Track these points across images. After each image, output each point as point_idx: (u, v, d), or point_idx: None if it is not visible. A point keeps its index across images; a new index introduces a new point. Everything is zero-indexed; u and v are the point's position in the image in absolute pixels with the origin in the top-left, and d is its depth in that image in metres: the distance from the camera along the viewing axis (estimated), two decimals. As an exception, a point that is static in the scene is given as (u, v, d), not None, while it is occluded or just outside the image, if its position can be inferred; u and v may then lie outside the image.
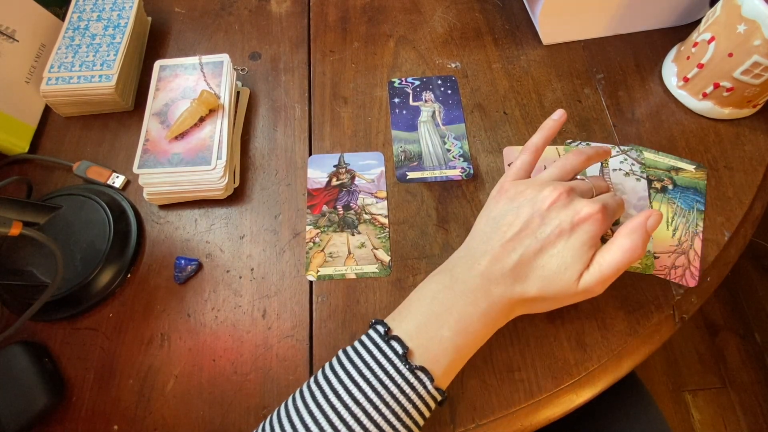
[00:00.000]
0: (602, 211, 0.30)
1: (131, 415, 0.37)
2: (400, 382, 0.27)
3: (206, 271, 0.42)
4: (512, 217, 0.32)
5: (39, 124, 0.49)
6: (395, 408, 0.27)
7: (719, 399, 1.04)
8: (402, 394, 0.27)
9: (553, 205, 0.31)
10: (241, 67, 0.51)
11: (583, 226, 0.30)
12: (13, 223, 0.34)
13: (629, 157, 0.45)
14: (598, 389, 0.36)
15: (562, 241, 0.30)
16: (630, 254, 0.29)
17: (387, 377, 0.28)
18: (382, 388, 0.27)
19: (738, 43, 0.40)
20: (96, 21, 0.50)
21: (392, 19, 0.55)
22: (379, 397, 0.27)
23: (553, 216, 0.30)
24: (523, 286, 0.30)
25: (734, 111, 0.45)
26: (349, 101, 0.50)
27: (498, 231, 0.32)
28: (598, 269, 0.30)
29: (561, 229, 0.30)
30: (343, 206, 0.44)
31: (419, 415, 0.28)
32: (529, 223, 0.31)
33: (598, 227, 0.30)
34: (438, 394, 0.29)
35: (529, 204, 0.31)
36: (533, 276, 0.30)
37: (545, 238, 0.30)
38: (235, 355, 0.38)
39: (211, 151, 0.43)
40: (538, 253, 0.30)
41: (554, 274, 0.30)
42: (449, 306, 0.30)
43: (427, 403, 0.28)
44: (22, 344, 0.37)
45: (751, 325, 1.12)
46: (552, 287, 0.30)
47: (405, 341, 0.29)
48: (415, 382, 0.28)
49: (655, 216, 0.30)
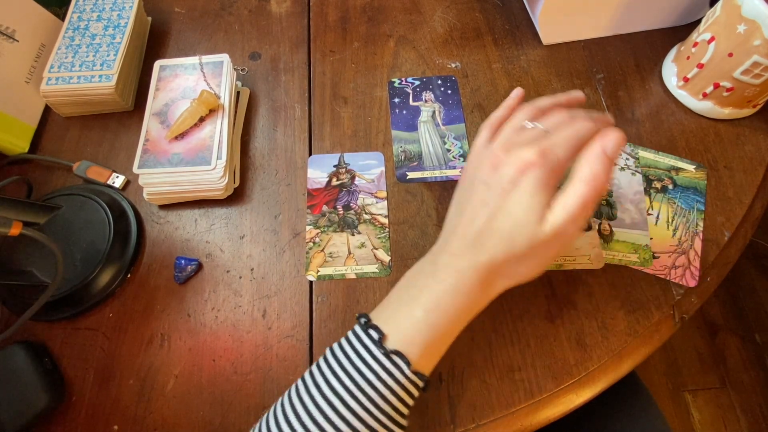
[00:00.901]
0: (540, 154, 0.28)
1: (131, 415, 0.37)
2: (377, 368, 0.28)
3: (206, 271, 0.42)
4: (468, 194, 0.32)
5: (39, 124, 0.49)
6: (372, 395, 0.27)
7: (719, 399, 1.04)
8: (379, 380, 0.27)
9: (492, 168, 0.30)
10: (241, 67, 0.51)
11: (526, 176, 0.29)
12: (13, 223, 0.34)
13: (623, 152, 0.45)
14: (598, 389, 0.36)
15: (508, 198, 0.29)
16: (592, 183, 0.28)
17: (364, 365, 0.28)
18: (359, 376, 0.28)
19: (738, 43, 0.40)
20: (96, 21, 0.50)
21: (392, 19, 0.55)
22: (356, 386, 0.27)
23: (496, 178, 0.30)
24: (487, 253, 0.29)
25: (734, 111, 0.45)
26: (349, 101, 0.50)
27: (459, 211, 0.32)
28: (562, 207, 0.28)
29: (502, 188, 0.29)
30: (343, 206, 0.44)
31: (399, 401, 0.28)
32: (479, 193, 0.30)
33: (542, 171, 0.28)
34: (418, 379, 0.28)
35: (478, 176, 0.31)
36: (493, 240, 0.29)
37: (494, 202, 0.29)
38: (235, 355, 0.38)
39: (211, 151, 0.43)
40: (492, 217, 0.29)
41: (512, 231, 0.29)
42: (422, 288, 0.30)
43: (407, 388, 0.28)
44: (22, 344, 0.37)
45: (751, 325, 1.12)
46: (516, 244, 0.29)
47: (381, 328, 0.29)
48: (391, 366, 0.28)
49: (611, 136, 0.29)
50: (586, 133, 0.30)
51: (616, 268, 0.40)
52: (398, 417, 0.28)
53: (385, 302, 0.32)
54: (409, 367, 0.28)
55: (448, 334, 0.30)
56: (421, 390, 0.29)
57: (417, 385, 0.29)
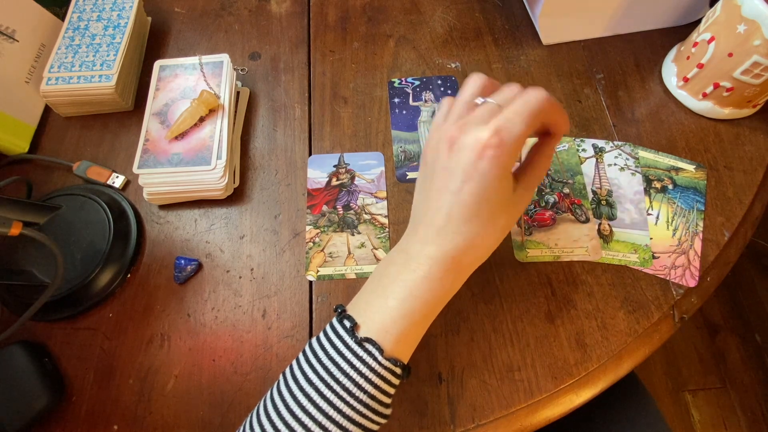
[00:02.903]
0: (496, 133, 0.28)
1: (131, 415, 0.37)
2: (349, 356, 0.28)
3: (206, 271, 0.42)
4: (430, 180, 0.31)
5: (39, 124, 0.49)
6: (346, 383, 0.27)
7: (719, 399, 1.04)
8: (352, 368, 0.27)
9: (450, 150, 0.29)
10: (241, 67, 0.51)
11: (484, 159, 0.28)
12: (13, 223, 0.34)
13: (623, 152, 0.45)
14: (598, 389, 0.36)
15: (470, 183, 0.28)
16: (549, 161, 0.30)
17: (338, 354, 0.28)
18: (332, 365, 0.28)
19: (738, 43, 0.40)
20: (96, 21, 0.50)
21: (392, 19, 0.55)
22: (330, 375, 0.27)
23: (454, 162, 0.29)
24: (455, 239, 0.29)
25: (734, 111, 0.45)
26: (349, 101, 0.50)
27: (425, 198, 0.31)
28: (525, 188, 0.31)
29: (463, 172, 0.28)
30: (343, 206, 0.44)
31: (376, 389, 0.28)
32: (441, 179, 0.30)
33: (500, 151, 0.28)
34: (393, 365, 0.28)
35: (438, 160, 0.30)
36: (460, 226, 0.29)
37: (456, 187, 0.29)
38: (235, 355, 0.38)
39: (211, 151, 0.43)
40: (456, 204, 0.29)
41: (477, 215, 0.29)
42: (394, 278, 0.30)
43: (383, 376, 0.28)
44: (22, 344, 0.37)
45: (751, 325, 1.12)
46: (482, 226, 0.29)
47: (355, 318, 0.29)
48: (364, 354, 0.28)
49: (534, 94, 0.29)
50: (538, 103, 0.29)
51: (616, 268, 0.40)
52: (377, 405, 0.28)
53: (361, 293, 0.32)
54: (382, 354, 0.28)
55: (422, 321, 0.30)
56: (399, 378, 0.29)
57: (394, 372, 0.28)
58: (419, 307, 0.29)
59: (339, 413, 0.27)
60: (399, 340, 0.29)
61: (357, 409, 0.27)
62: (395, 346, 0.29)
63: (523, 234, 0.42)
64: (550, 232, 0.42)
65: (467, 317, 0.39)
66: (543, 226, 0.42)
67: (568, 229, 0.42)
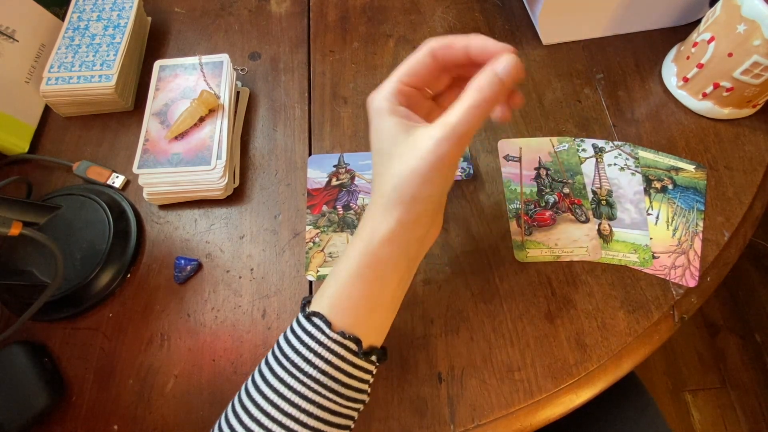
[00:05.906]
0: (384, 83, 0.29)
1: (131, 415, 0.37)
2: (299, 331, 0.28)
3: (206, 271, 0.42)
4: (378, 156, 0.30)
5: (39, 124, 0.49)
6: (295, 359, 0.27)
7: (719, 399, 1.04)
8: (301, 344, 0.28)
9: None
10: (241, 67, 0.51)
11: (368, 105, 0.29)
12: (13, 223, 0.34)
13: (623, 152, 0.45)
14: (597, 389, 0.36)
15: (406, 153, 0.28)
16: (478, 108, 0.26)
17: (291, 333, 0.29)
18: (287, 345, 0.28)
19: (738, 43, 0.40)
20: (96, 21, 0.50)
21: (392, 19, 0.55)
22: (282, 354, 0.28)
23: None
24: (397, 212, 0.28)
25: (734, 111, 0.45)
26: (349, 101, 0.50)
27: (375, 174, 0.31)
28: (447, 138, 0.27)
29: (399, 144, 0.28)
30: (342, 206, 0.44)
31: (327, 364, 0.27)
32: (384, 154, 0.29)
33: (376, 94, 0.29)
34: (344, 339, 0.28)
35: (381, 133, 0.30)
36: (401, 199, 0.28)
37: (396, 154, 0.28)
38: (235, 355, 0.38)
39: (211, 151, 0.43)
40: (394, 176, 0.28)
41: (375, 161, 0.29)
42: (349, 255, 0.30)
43: (333, 350, 0.27)
44: (22, 344, 0.37)
45: (751, 325, 1.12)
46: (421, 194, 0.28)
47: (313, 300, 0.30)
48: (312, 328, 0.28)
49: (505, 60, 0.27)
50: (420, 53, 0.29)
51: (616, 268, 0.40)
52: (333, 383, 0.27)
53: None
54: (329, 327, 0.27)
55: (377, 294, 0.29)
56: (357, 355, 0.28)
57: (346, 346, 0.28)
58: (371, 282, 0.29)
59: (291, 391, 0.27)
60: (353, 314, 0.28)
61: (310, 386, 0.27)
62: (348, 321, 0.28)
63: (523, 234, 0.42)
64: (550, 232, 0.42)
65: (467, 317, 0.39)
66: (543, 226, 0.42)
67: (568, 229, 0.42)
